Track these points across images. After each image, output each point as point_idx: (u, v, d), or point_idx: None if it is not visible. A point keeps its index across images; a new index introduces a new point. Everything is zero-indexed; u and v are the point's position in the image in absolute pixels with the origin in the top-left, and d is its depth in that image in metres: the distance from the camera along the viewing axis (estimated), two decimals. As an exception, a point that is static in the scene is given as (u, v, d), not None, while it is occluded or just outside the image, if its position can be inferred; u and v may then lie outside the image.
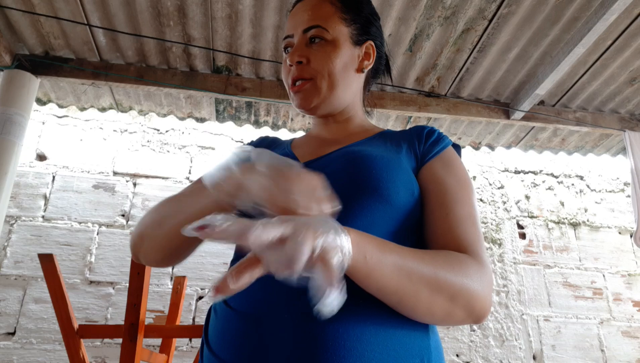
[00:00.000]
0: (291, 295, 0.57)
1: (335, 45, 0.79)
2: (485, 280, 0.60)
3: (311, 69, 0.78)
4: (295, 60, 0.77)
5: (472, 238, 0.65)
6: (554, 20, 2.23)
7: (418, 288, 0.55)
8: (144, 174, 2.91)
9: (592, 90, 2.72)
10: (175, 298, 1.89)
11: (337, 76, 0.79)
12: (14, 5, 2.14)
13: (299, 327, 0.55)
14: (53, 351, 2.44)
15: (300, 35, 0.79)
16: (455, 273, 0.57)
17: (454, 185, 0.70)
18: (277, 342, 0.55)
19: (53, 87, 2.70)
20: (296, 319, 0.56)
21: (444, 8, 2.18)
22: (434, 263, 0.57)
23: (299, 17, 0.80)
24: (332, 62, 0.78)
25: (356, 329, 0.55)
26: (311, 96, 0.78)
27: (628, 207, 3.43)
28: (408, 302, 0.55)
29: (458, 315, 0.58)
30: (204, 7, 2.19)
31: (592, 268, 3.23)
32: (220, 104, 2.85)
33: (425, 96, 2.74)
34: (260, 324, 0.57)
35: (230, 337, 0.59)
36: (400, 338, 0.58)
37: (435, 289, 0.56)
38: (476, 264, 0.61)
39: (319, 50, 0.78)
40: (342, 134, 0.83)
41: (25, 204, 2.70)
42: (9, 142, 2.24)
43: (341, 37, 0.80)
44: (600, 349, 3.01)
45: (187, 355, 2.54)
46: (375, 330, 0.56)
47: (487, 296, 0.60)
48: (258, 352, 0.56)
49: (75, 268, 2.62)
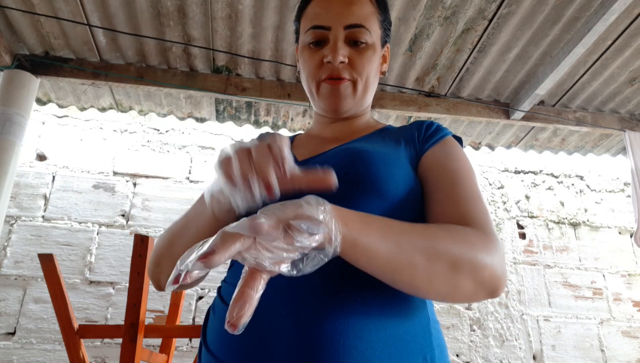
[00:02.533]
0: (290, 293, 0.56)
1: (375, 49, 0.77)
2: (493, 249, 0.56)
3: (352, 71, 0.75)
4: (340, 60, 0.74)
5: (479, 213, 0.61)
6: (554, 20, 2.23)
7: (411, 255, 0.51)
8: (144, 174, 2.91)
9: (592, 90, 2.72)
10: (175, 298, 1.89)
11: (371, 80, 0.78)
12: (14, 5, 2.14)
13: (298, 325, 0.54)
14: (53, 351, 2.44)
15: (341, 31, 0.75)
16: (454, 241, 0.54)
17: (456, 167, 0.68)
18: (276, 341, 0.54)
19: (53, 87, 2.70)
20: (295, 317, 0.55)
21: (444, 8, 2.18)
22: (428, 231, 0.54)
23: (337, 10, 0.75)
24: (371, 67, 0.76)
25: (357, 327, 0.54)
26: (347, 98, 0.76)
27: (628, 207, 3.43)
28: (404, 273, 0.51)
29: (466, 286, 0.53)
30: (204, 7, 2.19)
31: (592, 268, 3.23)
32: (220, 104, 2.85)
33: (425, 96, 2.74)
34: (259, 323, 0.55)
35: (228, 337, 0.58)
36: (402, 336, 0.56)
37: (432, 256, 0.51)
38: (483, 234, 0.57)
39: (361, 53, 0.75)
40: (344, 133, 0.82)
41: (25, 204, 2.70)
42: (9, 142, 2.24)
43: (377, 40, 0.78)
44: (600, 349, 3.01)
45: (187, 355, 2.54)
46: (377, 327, 0.55)
47: (496, 265, 0.55)
48: (257, 352, 0.55)
49: (75, 268, 2.62)
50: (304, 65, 0.79)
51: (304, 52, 0.79)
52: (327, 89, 0.77)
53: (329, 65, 0.75)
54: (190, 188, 2.93)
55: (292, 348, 0.53)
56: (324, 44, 0.76)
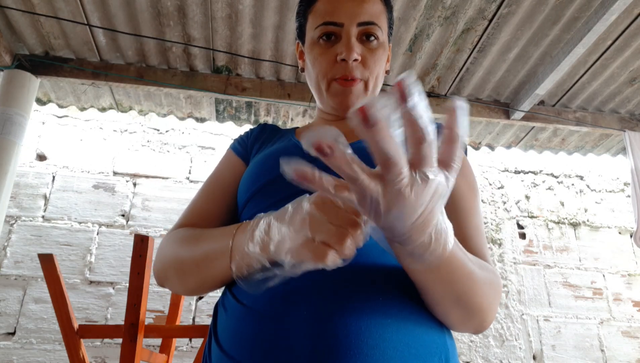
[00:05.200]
0: (310, 290, 0.55)
1: (385, 48, 0.77)
2: (499, 297, 0.61)
3: (364, 70, 0.75)
4: (354, 57, 0.73)
5: (486, 251, 0.65)
6: (554, 20, 2.23)
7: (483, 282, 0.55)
8: (144, 174, 2.91)
9: (592, 90, 2.72)
10: (175, 298, 1.89)
11: (380, 79, 0.77)
12: (14, 5, 2.14)
13: (318, 324, 0.52)
14: (53, 351, 2.44)
15: (355, 28, 0.74)
16: (491, 287, 0.58)
17: (467, 192, 0.69)
18: (294, 340, 0.52)
19: (53, 87, 2.70)
20: (315, 316, 0.53)
21: (444, 8, 2.18)
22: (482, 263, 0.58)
23: (350, 6, 0.74)
24: (381, 65, 0.76)
25: (378, 326, 0.53)
26: (359, 98, 0.76)
27: (628, 207, 3.43)
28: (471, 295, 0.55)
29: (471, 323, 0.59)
30: (204, 7, 2.19)
31: (592, 268, 3.23)
32: (220, 104, 2.85)
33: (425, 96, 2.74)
34: (276, 322, 0.54)
35: (244, 336, 0.56)
36: (420, 335, 0.56)
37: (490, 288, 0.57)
38: (498, 280, 0.61)
39: (373, 51, 0.75)
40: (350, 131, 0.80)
41: (25, 204, 2.70)
42: (9, 142, 2.24)
43: (386, 38, 0.78)
44: (600, 349, 3.01)
45: (187, 355, 2.54)
46: (397, 327, 0.54)
47: (495, 312, 0.60)
48: (274, 351, 0.53)
49: (75, 268, 2.62)
50: (314, 62, 0.77)
51: (313, 48, 0.77)
52: (339, 89, 0.76)
53: (342, 63, 0.74)
54: (190, 188, 2.93)
55: (312, 346, 0.51)
56: (335, 41, 0.75)
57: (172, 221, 2.82)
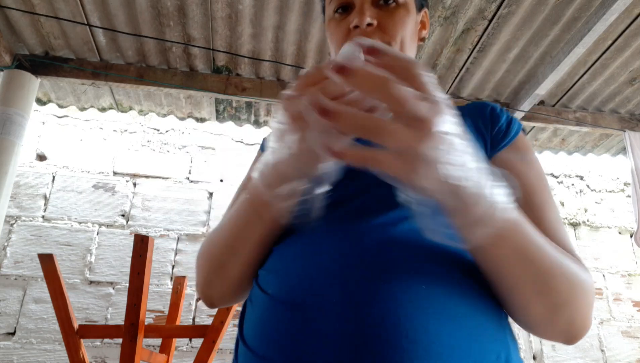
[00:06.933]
0: (341, 277, 0.49)
1: (408, 10, 0.69)
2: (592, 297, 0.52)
3: (383, 35, 0.67)
4: (367, 21, 0.65)
5: (571, 245, 0.58)
6: (554, 20, 2.23)
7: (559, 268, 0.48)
8: (144, 174, 2.91)
9: (592, 90, 2.72)
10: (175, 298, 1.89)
11: (408, 45, 0.69)
12: (14, 5, 2.14)
13: (351, 314, 0.46)
14: (53, 351, 2.44)
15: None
16: (582, 283, 0.50)
17: (537, 183, 0.63)
18: (324, 332, 0.46)
19: (53, 87, 2.70)
20: (348, 305, 0.46)
21: (444, 8, 2.18)
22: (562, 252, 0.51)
23: None
24: (405, 29, 0.68)
25: (421, 317, 0.45)
26: None
27: (628, 207, 3.43)
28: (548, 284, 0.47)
29: (558, 322, 0.50)
30: (204, 7, 2.19)
31: (592, 268, 3.23)
32: (220, 104, 2.85)
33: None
34: (304, 312, 0.48)
35: (268, 328, 0.51)
36: (473, 329, 0.47)
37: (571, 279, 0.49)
38: (590, 279, 0.53)
39: (391, 13, 0.68)
40: None
41: (25, 204, 2.70)
42: (9, 142, 2.24)
43: (410, 1, 0.71)
44: (600, 349, 3.01)
45: (187, 355, 2.54)
46: (444, 319, 0.46)
47: (589, 316, 0.51)
48: (301, 344, 0.47)
49: (75, 268, 2.62)
50: (331, 38, 0.72)
51: (330, 24, 0.73)
52: None
53: (356, 30, 0.67)
54: (190, 188, 2.94)
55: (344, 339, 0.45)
56: (350, 12, 0.70)
57: (172, 221, 2.83)
